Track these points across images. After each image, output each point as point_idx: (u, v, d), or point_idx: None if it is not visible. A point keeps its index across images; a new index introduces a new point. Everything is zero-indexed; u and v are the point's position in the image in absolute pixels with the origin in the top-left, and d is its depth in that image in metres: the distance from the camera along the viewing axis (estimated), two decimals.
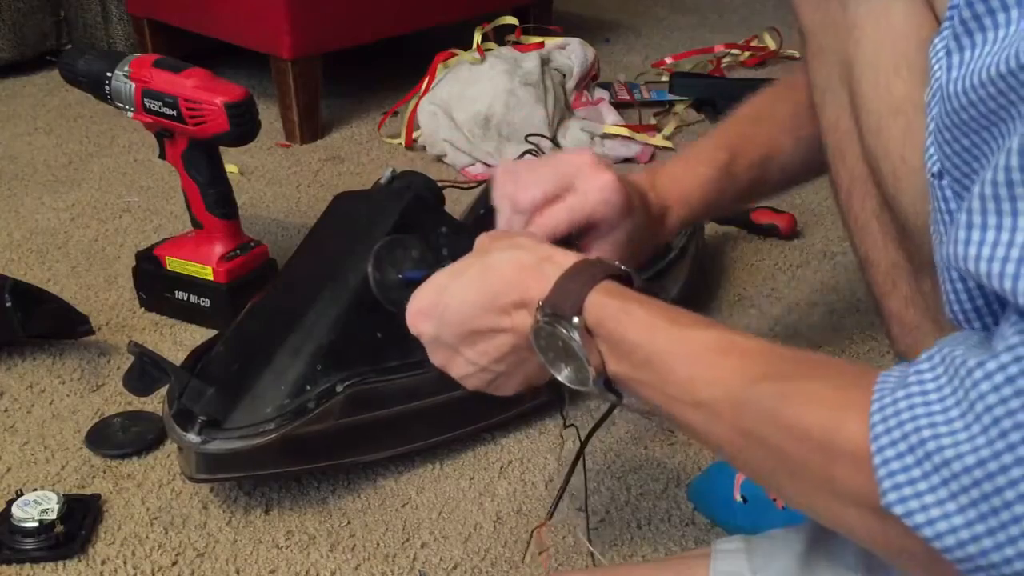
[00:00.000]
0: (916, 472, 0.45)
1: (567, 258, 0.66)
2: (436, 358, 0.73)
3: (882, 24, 0.64)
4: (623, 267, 0.65)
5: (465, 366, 0.71)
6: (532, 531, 0.89)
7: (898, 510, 0.45)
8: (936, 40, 0.55)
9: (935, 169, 0.54)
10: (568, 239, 0.79)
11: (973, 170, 0.51)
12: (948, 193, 0.54)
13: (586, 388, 0.63)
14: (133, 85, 1.18)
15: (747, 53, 2.19)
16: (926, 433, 0.45)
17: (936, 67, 0.55)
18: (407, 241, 1.00)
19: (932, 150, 0.55)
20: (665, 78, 1.92)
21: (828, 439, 0.48)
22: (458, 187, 1.27)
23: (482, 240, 0.75)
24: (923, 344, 0.69)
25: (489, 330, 0.68)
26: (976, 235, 0.46)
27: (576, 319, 0.61)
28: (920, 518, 0.44)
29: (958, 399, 0.44)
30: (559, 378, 0.65)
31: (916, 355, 0.70)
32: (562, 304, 0.62)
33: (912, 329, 0.70)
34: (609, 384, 0.63)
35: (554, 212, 0.77)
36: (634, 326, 0.60)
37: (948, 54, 0.52)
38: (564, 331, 0.62)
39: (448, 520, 0.95)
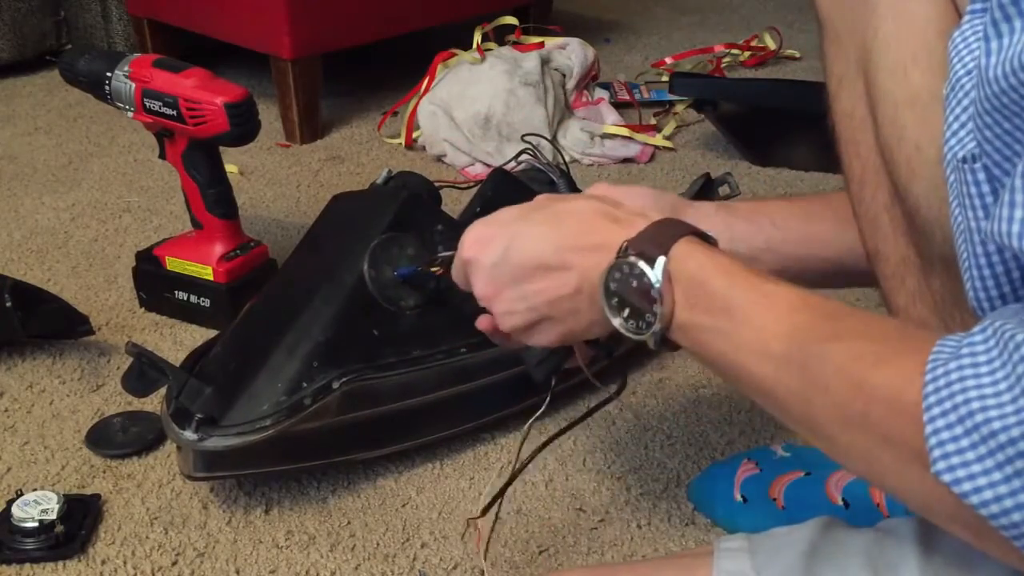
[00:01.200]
0: (964, 442, 0.46)
1: (650, 217, 0.66)
2: (482, 287, 0.71)
3: (902, 12, 0.64)
4: (710, 233, 0.66)
5: (513, 302, 0.70)
6: (468, 521, 0.88)
7: (946, 478, 0.47)
8: (956, 32, 0.55)
9: (965, 153, 0.55)
10: None
11: (1015, 152, 0.52)
12: (980, 176, 0.55)
13: (641, 336, 0.63)
14: (133, 85, 1.18)
15: (747, 53, 2.19)
16: (975, 405, 0.46)
17: (956, 58, 0.55)
18: (403, 239, 1.00)
19: (962, 134, 0.55)
20: (665, 78, 1.92)
21: (891, 402, 0.50)
22: (456, 187, 1.27)
23: (542, 198, 0.74)
24: None
25: (557, 267, 0.67)
26: (1020, 212, 0.48)
27: (661, 259, 0.62)
28: (967, 486, 0.46)
29: (1007, 372, 0.46)
30: (615, 323, 0.65)
31: None
32: (649, 246, 0.63)
33: (919, 325, 0.70)
34: (664, 336, 0.63)
35: None
36: (718, 274, 0.61)
37: (986, 39, 0.52)
38: (646, 269, 0.62)
39: (448, 520, 0.95)
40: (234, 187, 1.25)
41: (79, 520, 0.92)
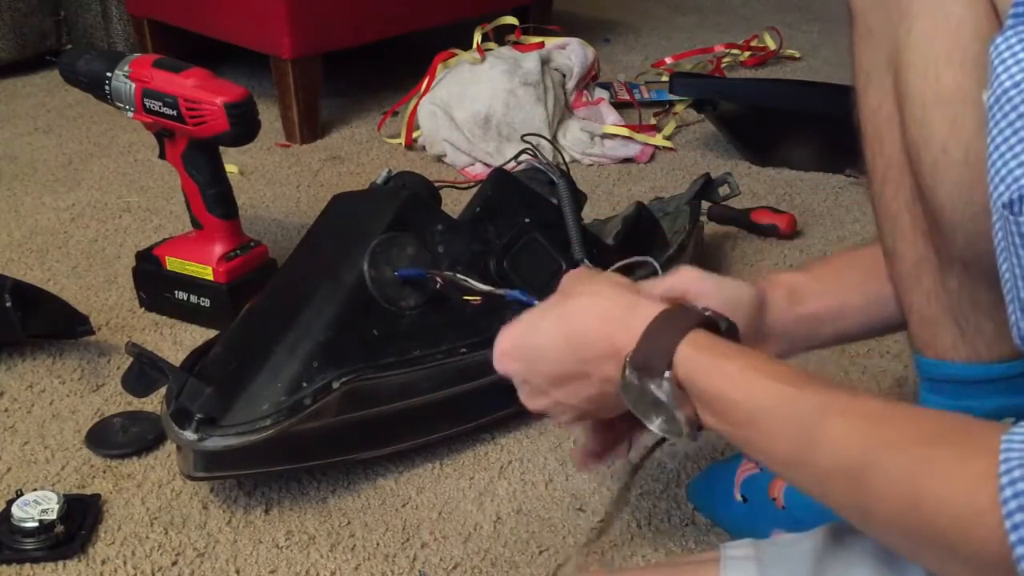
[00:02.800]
0: None
1: (651, 307, 0.65)
2: (525, 396, 0.74)
3: (937, 11, 0.62)
4: (708, 312, 0.64)
5: (555, 405, 0.72)
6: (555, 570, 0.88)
7: None
8: (1000, 38, 0.53)
9: (1011, 196, 0.51)
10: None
11: None
12: None
13: (679, 439, 0.63)
14: (133, 85, 1.18)
15: (747, 53, 2.19)
16: None
17: (1001, 67, 0.52)
18: (402, 239, 1.00)
19: (1004, 172, 0.51)
20: (665, 78, 1.91)
21: (959, 511, 0.48)
22: (456, 187, 1.27)
23: (567, 281, 0.74)
24: (940, 340, 0.69)
25: (577, 375, 0.68)
26: None
27: (666, 374, 0.60)
28: None
29: None
30: (651, 428, 0.64)
31: (931, 350, 0.70)
32: (650, 359, 0.61)
33: (931, 324, 0.70)
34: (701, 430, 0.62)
35: None
36: (730, 383, 0.59)
37: None
38: (653, 388, 0.61)
39: (448, 520, 0.95)
40: (234, 187, 1.25)
41: (79, 520, 0.92)
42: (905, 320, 0.73)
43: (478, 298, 0.98)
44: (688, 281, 0.76)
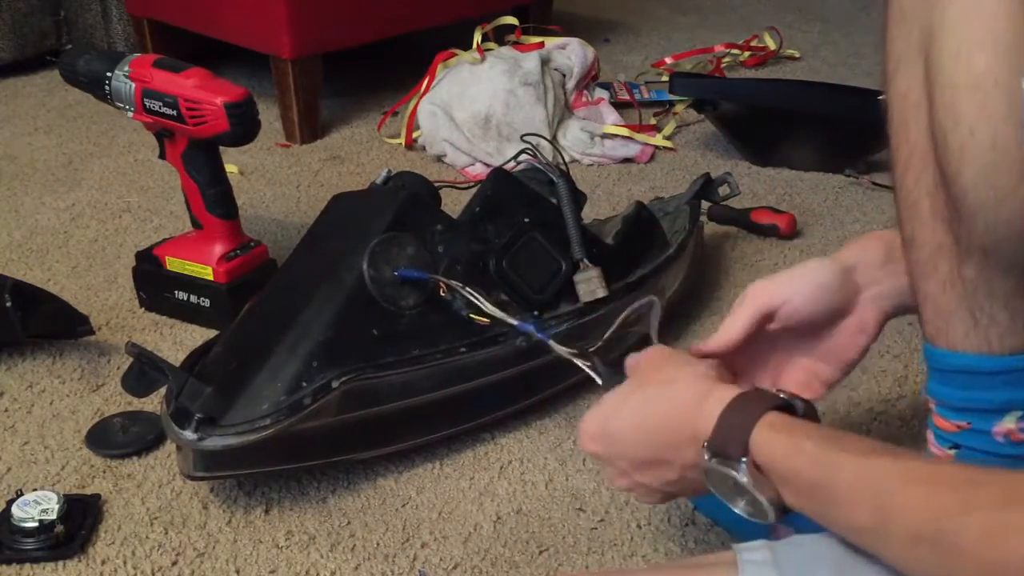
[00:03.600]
0: None
1: (725, 391, 0.66)
2: (608, 477, 0.77)
3: None
4: (783, 394, 0.65)
5: (638, 487, 0.75)
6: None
7: None
8: None
9: None
10: None
11: None
12: None
13: (765, 521, 0.64)
14: (133, 85, 1.18)
15: (747, 53, 2.19)
16: None
17: None
18: (402, 239, 1.00)
19: None
20: (665, 78, 1.92)
21: None
22: (456, 187, 1.27)
23: (645, 364, 0.77)
24: (952, 330, 0.70)
25: (660, 461, 0.70)
26: None
27: (744, 459, 0.61)
28: None
29: None
30: (736, 511, 0.66)
31: (943, 340, 0.70)
32: (727, 444, 0.63)
33: (945, 313, 0.70)
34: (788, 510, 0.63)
35: None
36: (808, 461, 0.59)
37: None
38: (733, 472, 0.62)
39: (448, 520, 0.95)
40: (234, 187, 1.25)
41: (79, 520, 0.92)
42: (919, 309, 0.73)
43: (485, 320, 0.98)
44: (764, 297, 0.80)
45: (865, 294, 0.82)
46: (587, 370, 0.86)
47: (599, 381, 0.84)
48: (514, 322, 0.94)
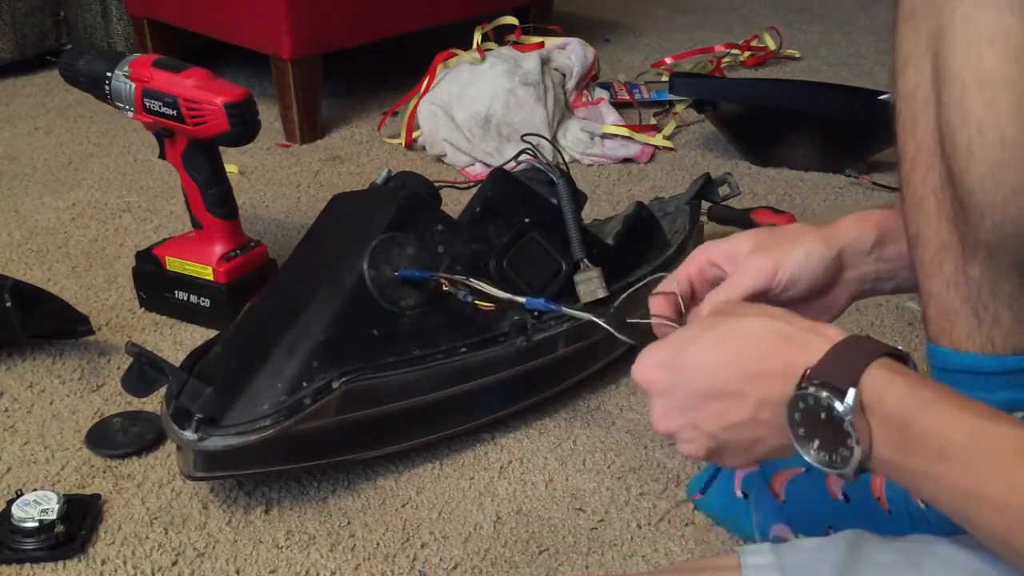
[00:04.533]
0: None
1: (836, 332, 0.62)
2: (659, 412, 0.69)
3: None
4: (900, 348, 0.61)
5: (690, 429, 0.68)
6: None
7: None
8: None
9: None
10: None
11: None
12: None
13: (838, 471, 0.60)
14: (133, 85, 1.18)
15: (747, 53, 2.19)
16: None
17: None
18: (403, 239, 1.00)
19: None
20: (665, 78, 1.92)
21: None
22: (456, 187, 1.27)
23: (721, 305, 0.71)
24: (956, 329, 0.70)
25: (733, 393, 0.64)
26: None
27: (852, 391, 0.58)
28: None
29: None
30: (806, 458, 0.61)
31: (947, 339, 0.70)
32: (836, 374, 0.59)
33: (949, 313, 0.70)
34: (864, 467, 0.59)
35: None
36: (926, 411, 0.56)
37: None
38: (835, 403, 0.58)
39: (448, 520, 0.95)
40: (234, 187, 1.25)
41: (79, 520, 0.92)
42: (922, 308, 0.73)
43: (491, 305, 0.97)
44: (765, 278, 0.75)
45: (845, 275, 0.80)
46: (607, 327, 0.83)
47: (619, 336, 0.81)
48: (522, 300, 0.93)
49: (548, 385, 1.07)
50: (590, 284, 1.07)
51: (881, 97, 1.60)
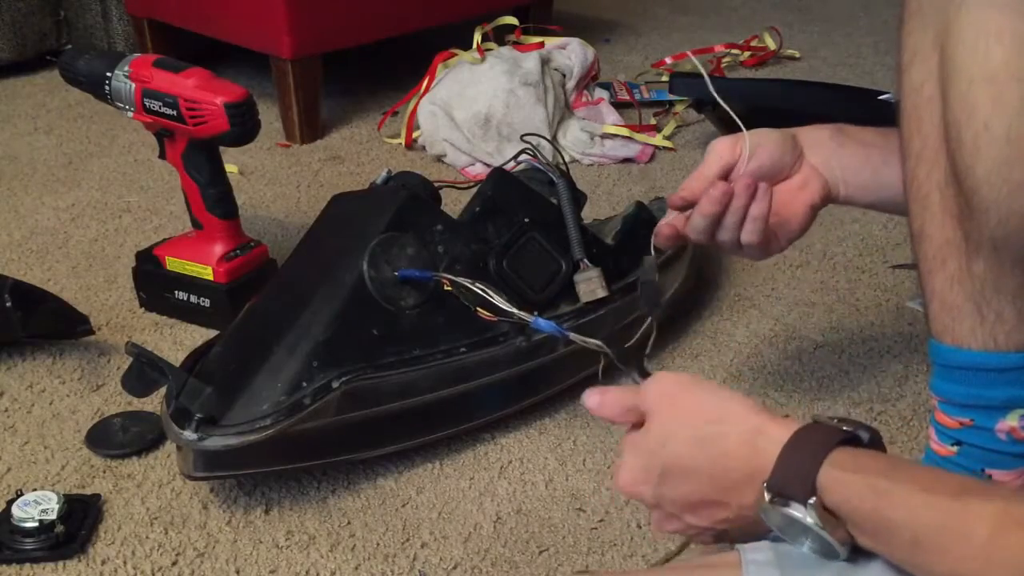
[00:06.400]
0: None
1: (781, 427, 0.62)
2: (656, 520, 0.72)
3: None
4: (845, 426, 0.61)
5: (689, 528, 0.70)
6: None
7: None
8: None
9: None
10: None
11: None
12: None
13: (831, 558, 0.61)
14: (133, 85, 1.18)
15: (747, 53, 2.19)
16: None
17: None
18: (402, 239, 1.00)
19: None
20: (665, 78, 1.91)
21: None
22: (456, 187, 1.27)
23: (667, 394, 0.70)
24: (959, 326, 0.70)
25: (716, 503, 0.66)
26: None
27: (811, 500, 0.58)
28: None
29: None
30: (803, 550, 0.62)
31: (949, 336, 0.70)
32: (790, 484, 0.59)
33: (952, 309, 0.70)
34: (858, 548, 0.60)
35: None
36: (890, 503, 0.56)
37: None
38: (798, 515, 0.59)
39: (448, 520, 0.95)
40: (234, 187, 1.25)
41: (79, 520, 0.92)
42: (925, 306, 0.73)
43: (494, 317, 0.97)
44: (727, 151, 0.90)
45: (809, 159, 0.92)
46: (612, 357, 0.85)
47: (622, 368, 0.85)
48: (529, 319, 0.93)
49: (548, 385, 1.07)
50: (590, 284, 1.07)
51: (881, 97, 1.60)
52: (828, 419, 0.62)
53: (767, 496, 0.61)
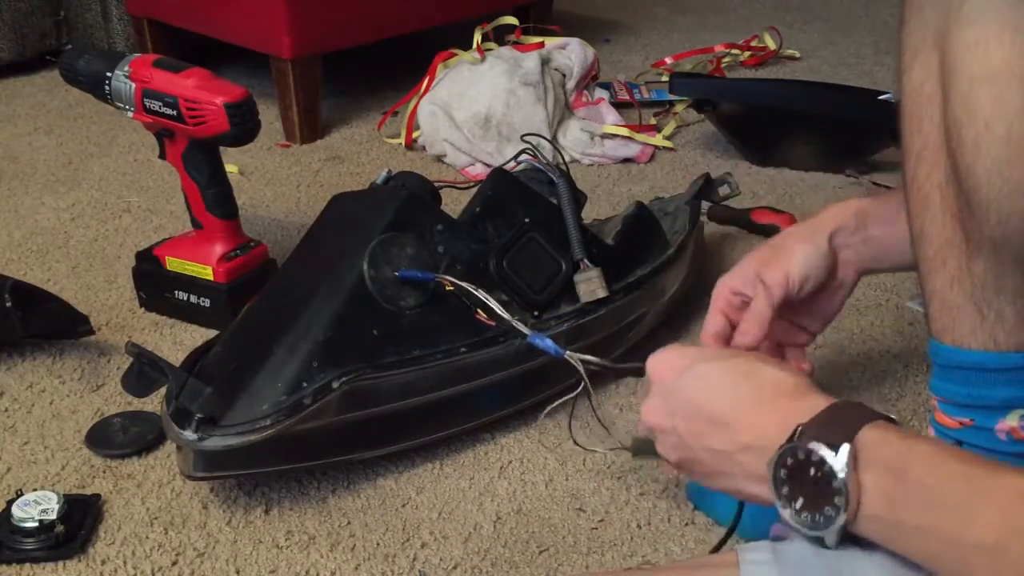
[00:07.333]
0: None
1: (827, 398, 0.63)
2: (652, 404, 0.73)
3: None
4: (892, 416, 0.62)
5: (672, 435, 0.71)
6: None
7: None
8: None
9: None
10: None
11: None
12: None
13: (818, 533, 0.60)
14: (133, 85, 1.18)
15: (747, 53, 2.19)
16: None
17: None
18: (402, 239, 1.00)
19: None
20: (665, 78, 1.92)
21: None
22: (456, 187, 1.27)
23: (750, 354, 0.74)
24: (959, 326, 0.70)
25: (724, 424, 0.66)
26: None
27: (846, 447, 0.58)
28: None
29: None
30: (783, 514, 0.62)
31: (949, 336, 0.70)
32: (831, 431, 0.59)
33: (952, 309, 0.70)
34: (846, 531, 0.60)
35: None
36: (922, 463, 0.56)
37: None
38: (829, 458, 0.58)
39: (448, 520, 0.95)
40: (234, 187, 1.25)
41: (79, 520, 0.92)
42: (925, 306, 0.73)
43: (493, 323, 0.98)
44: (781, 288, 0.87)
45: (841, 256, 0.90)
46: (611, 369, 0.89)
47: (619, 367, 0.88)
48: (527, 332, 0.94)
49: (548, 385, 1.07)
50: (590, 284, 1.07)
51: (881, 97, 1.60)
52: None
53: (799, 434, 0.60)
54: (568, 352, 0.91)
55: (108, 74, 1.20)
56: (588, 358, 0.91)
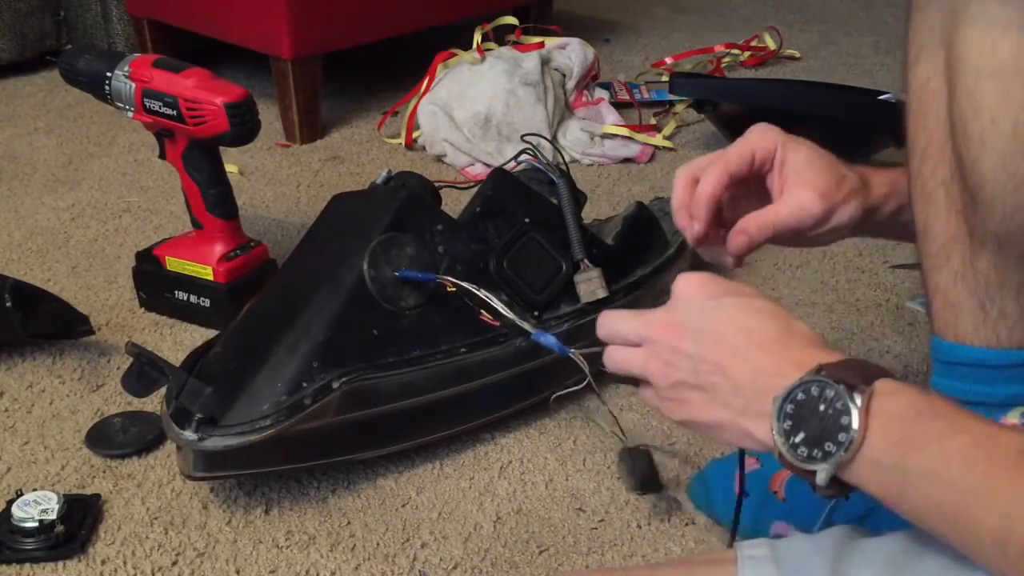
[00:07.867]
0: None
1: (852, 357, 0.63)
2: (661, 316, 0.69)
3: None
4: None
5: (678, 356, 0.67)
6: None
7: None
8: None
9: None
10: None
11: None
12: None
13: (808, 466, 0.59)
14: (133, 85, 1.18)
15: (747, 53, 2.19)
16: None
17: None
18: (403, 239, 1.00)
19: None
20: (665, 78, 1.92)
21: None
22: (456, 187, 1.27)
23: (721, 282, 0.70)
24: (961, 323, 0.70)
25: (735, 355, 0.64)
26: None
27: (865, 388, 0.57)
28: None
29: None
30: (779, 445, 0.60)
31: (952, 333, 0.70)
32: (851, 375, 0.58)
33: (955, 306, 0.70)
34: (838, 479, 0.59)
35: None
36: (935, 410, 0.57)
37: None
38: (845, 396, 0.57)
39: (448, 520, 0.95)
40: (234, 187, 1.25)
41: (79, 520, 0.92)
42: (928, 303, 0.73)
43: (496, 323, 0.98)
44: (802, 212, 0.80)
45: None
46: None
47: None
48: (531, 330, 0.94)
49: (548, 385, 1.07)
50: (590, 284, 1.07)
51: (881, 97, 1.60)
52: None
53: (820, 370, 0.59)
54: (572, 350, 0.91)
55: (108, 74, 1.20)
56: (593, 350, 0.89)
